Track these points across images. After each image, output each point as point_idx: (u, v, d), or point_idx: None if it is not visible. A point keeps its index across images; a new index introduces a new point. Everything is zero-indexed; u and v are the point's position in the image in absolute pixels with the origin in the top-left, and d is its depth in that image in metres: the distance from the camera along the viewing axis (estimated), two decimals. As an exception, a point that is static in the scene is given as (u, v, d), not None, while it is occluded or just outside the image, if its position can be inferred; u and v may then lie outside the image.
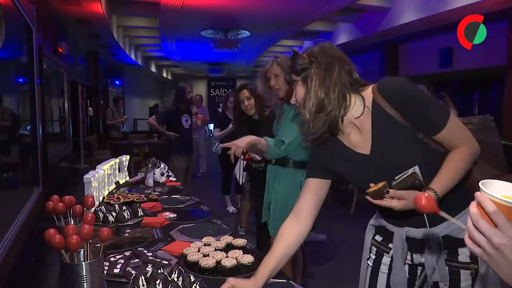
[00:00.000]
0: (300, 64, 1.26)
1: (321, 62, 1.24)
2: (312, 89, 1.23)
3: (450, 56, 7.58)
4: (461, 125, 1.24)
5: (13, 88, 2.61)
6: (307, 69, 1.25)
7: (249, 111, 3.11)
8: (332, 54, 1.26)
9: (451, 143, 1.23)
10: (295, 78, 1.30)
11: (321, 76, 1.23)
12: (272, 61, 2.40)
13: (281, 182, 2.40)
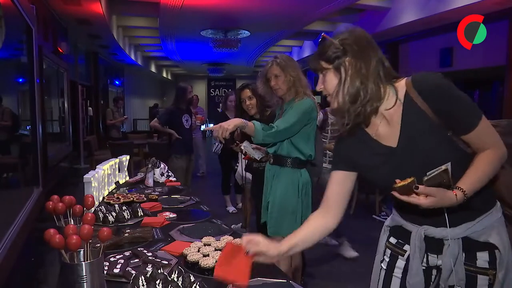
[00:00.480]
0: (334, 52, 1.21)
1: (357, 50, 1.19)
2: (347, 78, 1.20)
3: (450, 56, 7.58)
4: (491, 128, 1.21)
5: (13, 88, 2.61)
6: (340, 58, 1.20)
7: (250, 110, 3.12)
8: (366, 42, 1.22)
9: (479, 144, 1.20)
10: (325, 66, 1.24)
11: (357, 66, 1.19)
12: (272, 61, 2.40)
13: (279, 182, 2.39)
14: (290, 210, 2.34)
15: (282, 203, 2.36)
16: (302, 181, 2.36)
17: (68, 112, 6.07)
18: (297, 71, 2.36)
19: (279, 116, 2.47)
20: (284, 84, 2.35)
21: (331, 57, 1.22)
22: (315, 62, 1.28)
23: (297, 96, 2.35)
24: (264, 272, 1.43)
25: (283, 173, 2.39)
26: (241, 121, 2.17)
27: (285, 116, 2.30)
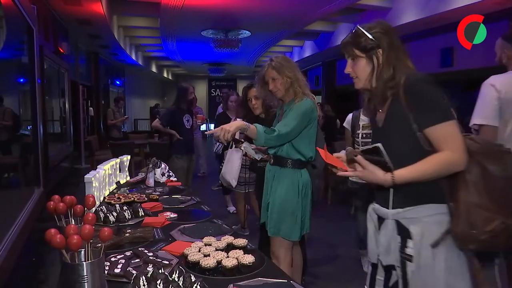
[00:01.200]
0: (370, 43, 1.43)
1: (388, 42, 1.43)
2: (381, 66, 1.43)
3: (451, 56, 7.57)
4: (456, 135, 1.33)
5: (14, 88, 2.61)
6: (374, 49, 1.44)
7: (255, 110, 3.14)
8: (394, 34, 1.47)
9: (438, 144, 1.34)
10: (359, 54, 1.47)
11: (389, 56, 1.43)
12: (268, 65, 2.39)
13: (280, 182, 2.39)
14: (290, 210, 2.34)
15: (282, 203, 2.35)
16: (302, 182, 2.36)
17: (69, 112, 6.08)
18: (294, 72, 2.35)
19: (278, 116, 2.47)
20: (282, 86, 2.34)
21: (366, 47, 1.44)
22: (349, 49, 1.49)
23: (297, 97, 2.34)
24: (265, 272, 1.43)
25: (284, 174, 2.38)
26: (243, 124, 2.18)
27: (286, 119, 2.29)
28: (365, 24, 1.48)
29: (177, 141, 4.65)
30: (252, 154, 2.57)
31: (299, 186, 2.35)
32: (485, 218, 1.25)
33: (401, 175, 1.35)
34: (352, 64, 1.51)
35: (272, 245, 2.44)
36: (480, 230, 1.25)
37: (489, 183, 1.29)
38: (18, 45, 2.48)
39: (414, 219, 1.39)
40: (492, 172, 1.29)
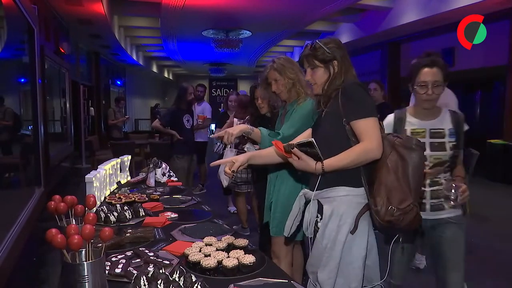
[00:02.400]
0: (327, 56, 1.71)
1: (341, 56, 1.72)
2: (336, 75, 1.72)
3: (452, 56, 7.57)
4: (374, 128, 1.61)
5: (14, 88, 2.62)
6: (331, 60, 1.72)
7: (261, 109, 3.15)
8: (344, 49, 1.76)
9: (359, 136, 1.62)
10: (318, 65, 1.74)
11: (342, 67, 1.72)
12: (270, 66, 2.40)
13: (283, 182, 2.39)
14: None
15: (285, 203, 2.36)
16: (305, 182, 2.36)
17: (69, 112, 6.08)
18: (296, 72, 2.35)
19: (281, 116, 2.47)
20: (284, 86, 2.35)
21: (324, 59, 1.73)
22: (310, 60, 1.76)
23: (299, 98, 2.35)
24: (266, 272, 1.43)
25: (287, 174, 2.39)
26: (247, 127, 2.21)
27: (290, 121, 2.29)
28: (322, 40, 1.77)
29: (178, 141, 4.66)
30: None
31: (302, 187, 2.35)
32: (400, 198, 1.54)
33: (329, 164, 1.62)
34: (311, 72, 1.78)
35: (273, 244, 2.44)
36: (396, 207, 1.53)
37: (404, 169, 1.59)
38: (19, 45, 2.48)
39: (329, 199, 1.69)
40: (407, 160, 1.59)
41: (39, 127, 2.57)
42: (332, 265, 1.69)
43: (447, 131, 1.92)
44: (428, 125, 1.94)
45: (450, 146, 1.90)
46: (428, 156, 1.88)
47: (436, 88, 1.86)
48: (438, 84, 1.86)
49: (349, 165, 1.62)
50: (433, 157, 1.90)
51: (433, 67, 1.87)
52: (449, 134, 1.91)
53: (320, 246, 1.72)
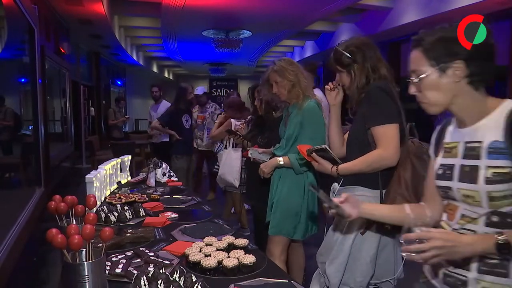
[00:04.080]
0: (346, 60, 1.78)
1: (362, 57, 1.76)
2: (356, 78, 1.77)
3: (452, 56, 7.55)
4: (392, 135, 1.65)
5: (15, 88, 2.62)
6: (350, 64, 1.77)
7: (260, 110, 3.18)
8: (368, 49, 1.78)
9: (377, 142, 1.69)
10: (340, 69, 1.83)
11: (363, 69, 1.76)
12: (270, 68, 2.42)
13: (285, 183, 2.40)
14: (294, 211, 2.35)
15: (286, 204, 2.37)
16: (308, 183, 2.36)
17: (70, 112, 6.09)
18: (296, 74, 2.36)
19: (285, 118, 2.47)
20: (284, 89, 2.36)
21: (344, 63, 1.79)
22: (333, 66, 1.85)
23: (299, 99, 2.35)
24: (266, 272, 1.43)
25: (289, 175, 2.39)
26: (277, 162, 2.38)
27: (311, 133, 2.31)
28: (343, 43, 1.83)
29: (177, 142, 4.66)
30: (260, 158, 2.58)
31: (304, 188, 2.36)
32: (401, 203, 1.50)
33: (344, 168, 1.78)
34: (339, 76, 1.88)
35: (270, 243, 2.46)
36: None
37: (412, 180, 1.58)
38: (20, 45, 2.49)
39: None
40: (416, 171, 1.58)
41: (40, 127, 2.57)
42: (340, 259, 1.77)
43: (485, 147, 1.09)
44: (464, 135, 1.17)
45: (488, 175, 1.06)
46: (455, 190, 1.14)
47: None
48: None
49: (363, 170, 1.72)
50: (461, 193, 1.12)
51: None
52: (488, 152, 1.08)
53: (332, 239, 1.82)
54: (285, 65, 2.38)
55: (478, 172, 1.07)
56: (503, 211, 1.05)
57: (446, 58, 1.10)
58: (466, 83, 1.10)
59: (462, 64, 1.08)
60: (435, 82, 1.12)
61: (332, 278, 1.78)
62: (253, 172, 2.95)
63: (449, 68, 1.10)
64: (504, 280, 1.05)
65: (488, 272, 1.07)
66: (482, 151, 1.08)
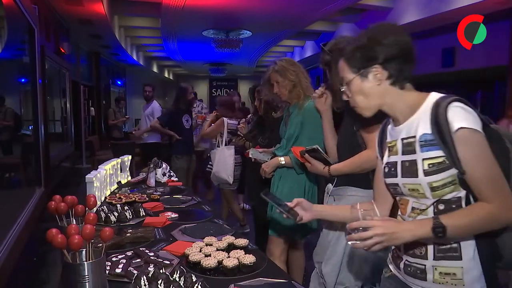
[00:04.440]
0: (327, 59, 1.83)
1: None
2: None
3: (452, 56, 7.56)
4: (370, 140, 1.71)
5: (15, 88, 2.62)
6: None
7: (259, 110, 3.20)
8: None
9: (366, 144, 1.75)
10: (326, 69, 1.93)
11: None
12: (271, 68, 2.42)
13: (285, 183, 2.40)
14: None
15: None
16: (308, 183, 2.38)
17: (70, 112, 6.09)
18: (297, 74, 2.36)
19: (285, 118, 2.48)
20: (285, 89, 2.36)
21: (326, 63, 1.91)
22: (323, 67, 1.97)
23: (300, 99, 2.35)
24: (266, 272, 1.43)
25: (290, 175, 2.39)
26: (278, 162, 2.38)
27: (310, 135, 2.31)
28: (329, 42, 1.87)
29: (177, 142, 4.66)
30: (261, 158, 2.58)
31: (305, 188, 2.36)
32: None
33: (335, 169, 1.85)
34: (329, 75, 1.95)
35: (270, 243, 2.47)
36: None
37: None
38: (20, 45, 2.49)
39: (341, 196, 1.88)
40: None
41: (40, 127, 2.57)
42: (335, 260, 1.81)
43: (418, 140, 1.13)
44: (400, 133, 1.21)
45: (425, 167, 1.11)
46: (401, 186, 1.18)
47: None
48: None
49: (354, 171, 1.78)
50: (407, 188, 1.17)
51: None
52: (420, 145, 1.12)
53: (326, 239, 1.87)
54: (286, 65, 2.37)
55: (417, 166, 1.12)
56: (447, 198, 1.11)
57: (364, 64, 1.16)
58: (389, 84, 1.16)
59: (380, 67, 1.15)
60: (359, 87, 1.19)
61: (328, 277, 1.82)
62: (254, 173, 2.95)
63: (369, 73, 1.16)
64: (458, 262, 1.12)
65: (442, 257, 1.14)
66: (416, 145, 1.13)
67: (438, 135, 1.07)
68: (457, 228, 1.06)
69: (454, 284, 1.13)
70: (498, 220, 1.05)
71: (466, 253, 1.12)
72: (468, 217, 1.06)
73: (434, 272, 1.15)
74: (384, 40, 1.13)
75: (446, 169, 1.08)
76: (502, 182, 1.06)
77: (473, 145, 1.05)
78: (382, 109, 1.21)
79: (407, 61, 1.15)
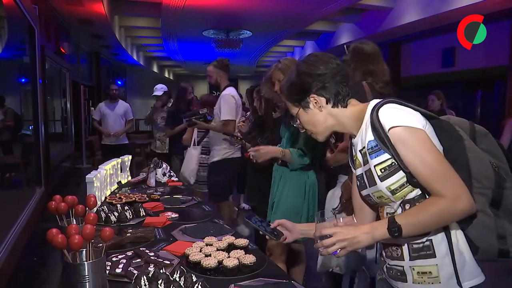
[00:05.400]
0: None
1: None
2: None
3: (453, 56, 7.56)
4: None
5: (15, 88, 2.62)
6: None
7: (259, 110, 3.20)
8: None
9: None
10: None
11: None
12: (275, 66, 2.43)
13: (286, 183, 2.40)
14: (295, 211, 2.35)
15: (287, 204, 2.37)
16: (309, 183, 2.37)
17: (70, 112, 6.08)
18: None
19: (286, 119, 2.48)
20: None
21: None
22: None
23: None
24: (266, 272, 1.43)
25: (290, 175, 2.39)
26: (279, 152, 2.33)
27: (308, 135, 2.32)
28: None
29: (177, 141, 4.66)
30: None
31: (305, 188, 2.36)
32: None
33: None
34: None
35: (269, 243, 2.46)
36: None
37: None
38: (20, 45, 2.48)
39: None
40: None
41: (40, 127, 2.57)
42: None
43: (367, 149, 1.18)
44: (357, 145, 1.25)
45: (378, 173, 1.14)
46: (371, 196, 1.22)
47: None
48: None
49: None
50: (375, 196, 1.20)
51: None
52: (369, 153, 1.17)
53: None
54: (290, 64, 2.36)
55: (372, 174, 1.16)
56: (411, 197, 1.13)
57: (301, 96, 1.24)
58: (332, 107, 1.23)
59: (315, 96, 1.22)
60: (306, 118, 1.27)
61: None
62: (254, 173, 2.95)
63: (309, 103, 1.24)
64: (433, 260, 1.14)
65: (417, 257, 1.16)
66: (367, 154, 1.17)
67: (378, 139, 1.11)
68: (412, 226, 1.07)
69: (431, 282, 1.14)
70: (451, 213, 1.05)
71: (439, 250, 1.13)
72: (421, 213, 1.07)
73: (413, 273, 1.17)
74: (312, 71, 1.21)
75: (397, 170, 1.11)
76: (450, 173, 1.06)
77: (409, 142, 1.06)
78: (335, 130, 1.28)
79: (340, 83, 1.20)
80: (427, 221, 1.07)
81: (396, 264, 1.21)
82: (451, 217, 1.08)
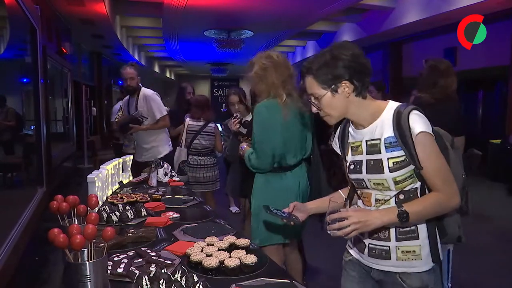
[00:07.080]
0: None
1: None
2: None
3: (454, 56, 7.55)
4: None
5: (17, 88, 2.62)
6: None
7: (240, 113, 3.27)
8: None
9: None
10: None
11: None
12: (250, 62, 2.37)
13: (269, 186, 2.31)
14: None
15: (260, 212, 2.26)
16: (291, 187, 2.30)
17: (71, 112, 6.09)
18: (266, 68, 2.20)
19: None
20: (252, 82, 2.30)
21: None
22: None
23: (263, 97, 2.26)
24: (267, 272, 1.43)
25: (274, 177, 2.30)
26: (247, 149, 2.36)
27: (256, 138, 2.24)
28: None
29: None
30: None
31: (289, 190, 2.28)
32: None
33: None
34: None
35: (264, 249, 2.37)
36: None
37: None
38: (22, 45, 2.49)
39: None
40: None
41: (41, 127, 2.58)
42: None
43: (383, 143, 1.31)
44: (364, 135, 1.38)
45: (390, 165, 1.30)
46: (366, 181, 1.37)
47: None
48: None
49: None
50: (372, 182, 1.35)
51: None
52: (385, 146, 1.31)
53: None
54: (258, 58, 2.22)
55: (382, 164, 1.31)
56: (407, 189, 1.33)
57: (333, 81, 1.30)
58: (355, 96, 1.32)
59: (348, 83, 1.30)
60: (330, 101, 1.33)
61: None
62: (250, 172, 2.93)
63: (339, 88, 1.31)
64: (417, 241, 1.35)
65: (404, 238, 1.35)
66: (381, 146, 1.32)
67: (400, 138, 1.27)
68: (417, 214, 1.27)
69: (414, 259, 1.35)
70: (446, 206, 1.30)
71: (421, 234, 1.35)
72: (424, 204, 1.29)
73: (397, 252, 1.35)
74: (351, 59, 1.29)
75: (406, 165, 1.29)
76: (449, 173, 1.30)
77: (428, 145, 1.27)
78: (347, 117, 1.39)
79: (367, 75, 1.32)
80: (428, 210, 1.29)
81: (382, 244, 1.38)
82: (444, 210, 1.32)
